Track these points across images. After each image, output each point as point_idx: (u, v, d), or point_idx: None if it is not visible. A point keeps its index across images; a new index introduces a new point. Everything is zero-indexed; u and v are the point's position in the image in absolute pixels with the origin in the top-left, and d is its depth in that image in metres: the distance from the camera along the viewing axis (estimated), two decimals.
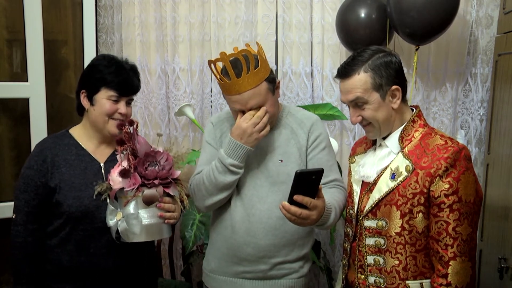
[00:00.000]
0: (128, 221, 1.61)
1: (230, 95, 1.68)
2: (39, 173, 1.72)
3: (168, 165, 1.65)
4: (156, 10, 2.66)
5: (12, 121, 2.74)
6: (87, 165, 1.76)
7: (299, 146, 1.79)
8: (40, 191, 1.72)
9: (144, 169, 1.61)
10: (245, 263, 1.78)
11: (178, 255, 2.78)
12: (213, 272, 1.86)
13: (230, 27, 2.64)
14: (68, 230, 1.72)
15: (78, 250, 1.72)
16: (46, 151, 1.75)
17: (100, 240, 1.71)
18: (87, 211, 1.69)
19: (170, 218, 1.65)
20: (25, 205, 1.73)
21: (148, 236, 1.65)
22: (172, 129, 2.75)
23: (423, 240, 1.52)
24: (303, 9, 2.60)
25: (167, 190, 1.64)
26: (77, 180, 1.72)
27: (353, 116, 1.60)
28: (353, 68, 1.54)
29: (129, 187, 1.60)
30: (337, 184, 1.81)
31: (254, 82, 1.66)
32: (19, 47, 2.69)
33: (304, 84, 2.67)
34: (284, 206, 1.48)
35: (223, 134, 1.84)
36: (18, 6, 2.50)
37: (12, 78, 2.69)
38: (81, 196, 1.70)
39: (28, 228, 1.72)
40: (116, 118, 1.74)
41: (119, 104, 1.74)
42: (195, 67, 2.69)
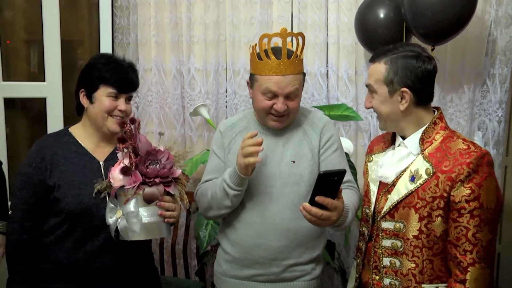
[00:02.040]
0: (128, 219, 1.60)
1: (272, 75, 1.67)
2: (38, 170, 1.72)
3: (169, 164, 1.64)
4: (171, 11, 2.66)
5: (29, 121, 2.79)
6: (87, 164, 1.76)
7: (311, 147, 1.79)
8: (38, 189, 1.72)
9: (145, 167, 1.61)
10: (256, 265, 1.77)
11: (193, 254, 2.79)
12: (224, 275, 1.85)
13: (245, 27, 2.64)
14: (66, 228, 1.72)
15: (75, 247, 1.72)
16: (45, 149, 1.75)
17: (98, 238, 1.72)
18: (86, 209, 1.69)
19: (170, 217, 1.64)
20: (22, 203, 1.73)
21: (147, 235, 1.64)
22: (187, 129, 2.76)
23: (440, 244, 1.50)
24: (319, 9, 2.59)
25: (167, 189, 1.64)
26: (76, 178, 1.72)
27: (366, 100, 1.63)
28: (380, 56, 1.55)
29: (130, 185, 1.59)
30: (351, 185, 1.80)
31: (299, 69, 1.70)
32: (36, 47, 2.74)
33: (319, 85, 2.66)
34: (305, 207, 1.48)
35: (232, 141, 1.83)
36: (37, 7, 2.53)
37: (30, 78, 2.73)
38: (80, 194, 1.70)
39: (24, 226, 1.73)
40: (116, 115, 1.74)
41: (118, 101, 1.74)
42: (210, 67, 2.69)
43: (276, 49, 1.68)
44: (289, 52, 1.67)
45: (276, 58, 1.65)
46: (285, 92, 1.68)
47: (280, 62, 1.65)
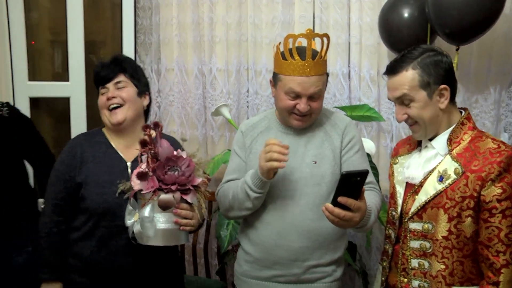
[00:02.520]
0: (143, 223, 1.59)
1: (296, 76, 1.66)
2: (68, 167, 1.77)
3: (189, 172, 1.61)
4: (193, 11, 2.68)
5: (53, 120, 2.82)
6: (114, 163, 1.78)
7: (333, 147, 1.77)
8: (68, 185, 1.77)
9: (163, 173, 1.58)
10: (277, 266, 1.75)
11: (213, 254, 2.79)
12: (244, 276, 1.84)
13: (267, 27, 2.64)
14: (90, 226, 1.75)
15: (98, 246, 1.74)
16: (77, 147, 1.80)
17: (121, 238, 1.72)
18: (109, 208, 1.71)
19: (186, 225, 1.62)
20: (53, 197, 1.79)
21: (163, 241, 1.62)
22: (208, 129, 2.77)
23: (471, 245, 1.48)
24: (341, 9, 2.58)
25: (184, 197, 1.60)
26: (102, 177, 1.75)
27: (398, 113, 1.57)
28: (402, 65, 1.52)
29: (146, 190, 1.58)
30: (373, 186, 1.78)
31: (323, 69, 1.69)
32: (60, 48, 2.77)
33: (341, 85, 2.65)
34: (328, 208, 1.46)
35: (253, 141, 1.82)
36: (61, 8, 2.57)
37: (54, 78, 2.77)
38: (104, 193, 1.72)
39: (54, 220, 1.78)
40: (110, 107, 1.78)
41: (105, 94, 1.79)
42: (232, 68, 2.70)
43: (300, 49, 1.67)
44: (314, 53, 1.66)
45: (300, 58, 1.64)
46: (309, 93, 1.67)
47: (304, 62, 1.64)
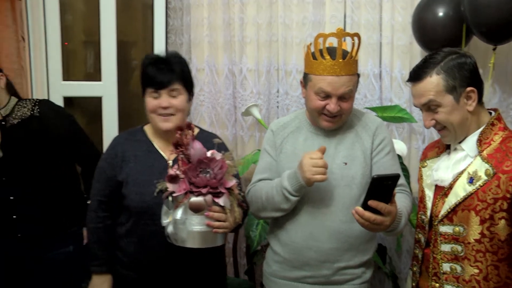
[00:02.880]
0: (176, 225, 1.59)
1: (326, 75, 1.65)
2: (110, 166, 1.80)
3: (221, 174, 1.58)
4: (224, 12, 2.69)
5: (85, 119, 2.87)
6: (154, 162, 1.79)
7: (363, 149, 1.76)
8: (110, 183, 1.80)
9: (195, 175, 1.56)
10: (306, 267, 1.75)
11: (242, 253, 2.80)
12: (273, 276, 1.84)
13: (297, 27, 2.63)
14: (132, 223, 1.78)
15: (140, 243, 1.77)
16: (118, 146, 1.82)
17: (160, 236, 1.71)
18: (147, 208, 1.73)
19: (219, 228, 1.59)
20: (97, 194, 1.83)
21: (197, 243, 1.61)
22: (238, 129, 2.78)
23: (506, 248, 1.44)
24: (372, 9, 2.55)
25: (216, 200, 1.58)
26: (142, 177, 1.76)
27: (426, 120, 1.55)
28: (425, 70, 1.50)
29: (178, 192, 1.57)
30: (404, 189, 1.76)
31: (353, 70, 1.67)
32: (92, 48, 2.82)
33: (372, 86, 2.62)
34: (358, 212, 1.45)
35: (284, 141, 1.82)
36: (95, 10, 2.62)
37: (86, 78, 2.82)
38: (143, 192, 1.73)
39: (99, 215, 1.82)
40: (161, 114, 1.75)
41: (160, 98, 1.75)
42: (262, 68, 2.70)
43: (331, 49, 1.66)
44: (344, 53, 1.64)
45: (331, 58, 1.63)
46: (339, 93, 1.66)
47: (335, 62, 1.63)
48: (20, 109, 2.11)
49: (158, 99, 1.75)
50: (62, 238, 2.16)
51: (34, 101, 2.15)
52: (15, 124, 2.08)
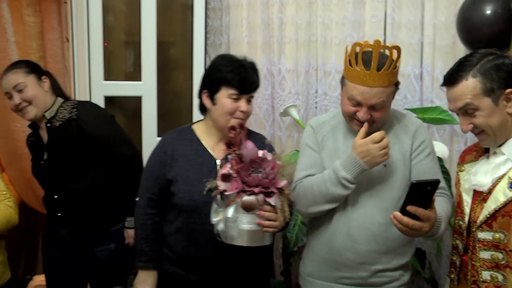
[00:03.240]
0: (227, 223, 1.62)
1: (358, 85, 1.62)
2: (160, 164, 1.83)
3: (273, 174, 1.61)
4: (263, 12, 2.69)
5: (125, 118, 2.92)
6: (204, 161, 1.81)
7: (403, 151, 1.73)
8: (159, 181, 1.83)
9: (247, 175, 1.59)
10: (344, 268, 1.74)
11: (278, 254, 2.80)
12: (310, 276, 1.84)
13: (337, 27, 2.61)
14: (180, 221, 1.81)
15: (189, 240, 1.80)
16: (168, 145, 1.85)
17: (209, 234, 1.74)
18: (197, 206, 1.75)
19: (269, 227, 1.62)
20: (146, 191, 1.86)
21: (246, 241, 1.63)
22: (276, 129, 2.78)
23: None
24: (414, 8, 2.51)
25: (267, 199, 1.60)
26: (191, 175, 1.78)
27: (463, 124, 1.51)
28: (461, 74, 1.46)
29: (230, 191, 1.60)
30: (443, 192, 1.73)
31: (388, 81, 1.62)
32: (132, 48, 2.87)
33: (413, 86, 2.58)
34: (396, 217, 1.44)
35: (324, 138, 1.80)
36: (136, 11, 2.66)
37: (126, 78, 2.87)
38: (192, 190, 1.76)
39: (148, 212, 1.85)
40: (237, 117, 1.77)
41: (239, 102, 1.77)
42: (301, 68, 2.69)
43: (367, 57, 1.61)
44: (380, 64, 1.59)
45: (365, 68, 1.59)
46: (369, 103, 1.63)
47: (368, 73, 1.59)
48: (62, 111, 2.17)
49: (237, 102, 1.76)
50: (105, 236, 2.21)
51: (73, 103, 2.20)
52: (57, 126, 2.14)
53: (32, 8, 2.92)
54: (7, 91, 2.12)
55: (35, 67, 2.20)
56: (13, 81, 2.10)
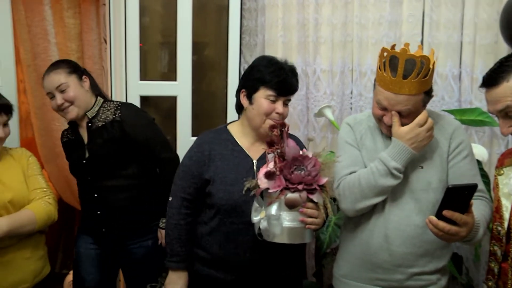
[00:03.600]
0: (270, 221, 1.63)
1: (385, 90, 1.62)
2: (197, 164, 1.83)
3: (315, 171, 1.62)
4: (299, 12, 2.68)
5: (160, 117, 2.96)
6: (241, 161, 1.82)
7: (440, 152, 1.71)
8: (195, 181, 1.83)
9: (289, 172, 1.61)
10: (379, 270, 1.73)
11: (311, 255, 2.78)
12: (345, 277, 1.83)
13: (373, 27, 2.58)
14: (217, 221, 1.81)
15: (226, 241, 1.80)
16: (205, 145, 1.85)
17: (247, 234, 1.76)
18: (235, 205, 1.76)
19: (312, 224, 1.63)
20: (180, 191, 1.86)
21: (288, 239, 1.64)
22: (310, 130, 2.77)
23: None
24: (454, 7, 2.45)
25: (310, 196, 1.62)
26: (229, 175, 1.79)
27: (503, 127, 1.48)
28: (502, 75, 1.42)
29: (273, 189, 1.61)
30: (482, 195, 1.69)
31: (415, 90, 1.59)
32: (167, 49, 2.90)
33: (451, 87, 2.52)
34: (432, 221, 1.42)
35: (363, 136, 1.80)
36: (172, 12, 2.69)
37: (161, 78, 2.90)
38: (231, 190, 1.77)
39: (181, 212, 1.85)
40: (273, 118, 1.77)
41: (276, 103, 1.77)
42: (336, 69, 2.67)
43: (395, 62, 1.59)
44: (407, 72, 1.56)
45: (391, 74, 1.58)
46: (395, 109, 1.62)
47: (394, 80, 1.58)
48: (105, 112, 2.21)
49: (274, 103, 1.77)
50: (142, 233, 2.24)
51: (116, 105, 2.23)
52: (99, 127, 2.18)
53: (72, 10, 3.00)
54: (49, 91, 2.16)
55: (76, 66, 2.24)
56: (55, 81, 2.13)
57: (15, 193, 1.92)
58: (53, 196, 2.04)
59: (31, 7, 2.90)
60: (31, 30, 2.94)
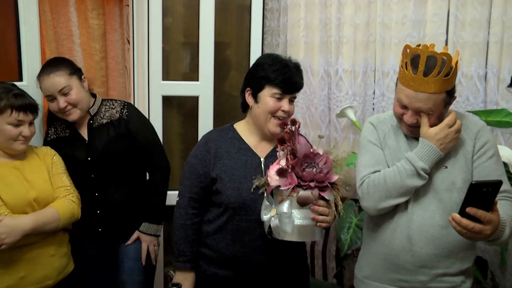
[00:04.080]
0: (281, 219, 1.63)
1: (405, 87, 1.62)
2: (203, 162, 1.84)
3: (326, 169, 1.63)
4: (321, 12, 2.66)
5: (182, 117, 2.98)
6: (248, 159, 1.83)
7: (465, 152, 1.69)
8: (202, 179, 1.84)
9: (301, 170, 1.62)
10: (402, 271, 1.72)
11: (331, 256, 2.77)
12: (367, 278, 1.82)
13: (396, 27, 2.54)
14: (225, 219, 1.81)
15: (234, 239, 1.80)
16: (211, 143, 1.86)
17: (255, 232, 1.77)
18: (244, 203, 1.76)
19: (323, 222, 1.64)
20: (187, 191, 1.87)
21: (299, 237, 1.65)
22: (332, 130, 2.75)
23: None
24: (481, 5, 2.39)
25: (322, 194, 1.63)
26: (237, 172, 1.80)
27: None
28: None
29: (285, 186, 1.62)
30: (508, 196, 1.67)
31: (436, 88, 1.58)
32: (189, 49, 2.91)
33: (476, 88, 2.46)
34: (455, 218, 1.41)
35: (386, 136, 1.79)
36: (194, 12, 2.71)
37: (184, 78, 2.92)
38: (240, 188, 1.77)
39: (188, 212, 1.86)
40: (279, 116, 1.78)
41: (282, 101, 1.78)
42: (359, 69, 2.64)
43: (416, 60, 1.58)
44: (428, 69, 1.56)
45: (412, 72, 1.58)
46: (414, 108, 1.62)
47: (415, 77, 1.58)
48: (108, 110, 2.22)
49: (280, 101, 1.78)
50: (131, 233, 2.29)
51: (122, 103, 2.25)
52: (103, 124, 2.19)
53: (96, 11, 3.04)
54: (50, 94, 2.10)
55: (75, 67, 2.20)
56: (57, 84, 2.08)
57: (40, 191, 1.95)
58: (76, 194, 2.07)
59: (56, 9, 2.96)
60: (56, 31, 2.99)
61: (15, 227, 1.80)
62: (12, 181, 1.90)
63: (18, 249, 1.87)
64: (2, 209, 1.84)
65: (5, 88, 1.92)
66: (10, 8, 2.42)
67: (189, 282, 1.87)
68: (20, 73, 2.45)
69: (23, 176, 1.94)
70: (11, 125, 1.90)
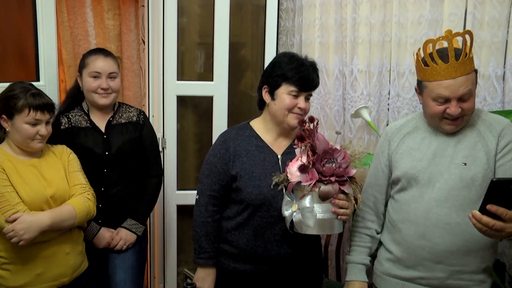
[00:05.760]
0: (303, 213, 1.66)
1: (442, 80, 1.62)
2: (222, 160, 1.87)
3: (345, 163, 1.68)
4: (336, 12, 2.65)
5: (197, 117, 2.99)
6: (266, 156, 1.86)
7: (487, 150, 1.68)
8: (222, 177, 1.87)
9: (321, 165, 1.66)
10: (420, 267, 1.73)
11: (345, 257, 2.75)
12: (385, 274, 1.84)
13: (412, 27, 2.52)
14: (246, 216, 1.84)
15: (254, 235, 1.83)
16: (229, 141, 1.89)
17: (275, 227, 1.81)
18: (264, 200, 1.80)
19: (343, 215, 1.68)
20: (207, 189, 1.89)
21: (320, 230, 1.71)
22: (346, 130, 2.74)
23: None
24: (500, 4, 2.35)
25: (342, 188, 1.68)
26: (256, 170, 1.83)
27: None
28: None
29: (306, 182, 1.66)
30: None
31: (469, 68, 1.63)
32: (204, 49, 2.93)
33: (494, 88, 2.43)
34: (475, 216, 1.40)
35: (400, 142, 1.82)
36: (209, 12, 2.72)
37: (198, 78, 2.93)
38: (260, 185, 1.80)
39: (209, 210, 1.89)
40: (295, 112, 1.81)
41: (298, 99, 1.82)
42: (374, 69, 2.62)
43: (441, 51, 1.62)
44: (457, 52, 1.60)
45: (443, 62, 1.60)
46: (458, 95, 1.62)
47: (448, 65, 1.59)
48: (125, 112, 2.35)
49: (296, 99, 1.82)
50: None
51: (138, 110, 2.39)
52: (121, 123, 2.31)
53: (112, 12, 3.08)
54: (99, 71, 2.21)
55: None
56: (110, 67, 2.24)
57: (56, 189, 1.97)
58: (92, 192, 2.09)
59: (73, 10, 2.99)
60: (73, 32, 3.03)
61: (33, 224, 1.82)
62: (30, 179, 1.93)
63: (35, 246, 1.89)
64: (20, 206, 1.86)
65: (23, 88, 1.95)
66: (28, 9, 2.46)
67: (211, 278, 1.90)
68: (38, 73, 2.50)
69: (40, 174, 1.97)
70: (28, 124, 1.92)
